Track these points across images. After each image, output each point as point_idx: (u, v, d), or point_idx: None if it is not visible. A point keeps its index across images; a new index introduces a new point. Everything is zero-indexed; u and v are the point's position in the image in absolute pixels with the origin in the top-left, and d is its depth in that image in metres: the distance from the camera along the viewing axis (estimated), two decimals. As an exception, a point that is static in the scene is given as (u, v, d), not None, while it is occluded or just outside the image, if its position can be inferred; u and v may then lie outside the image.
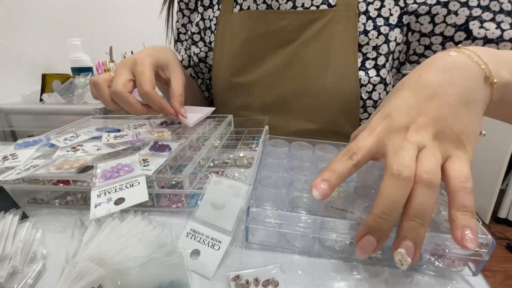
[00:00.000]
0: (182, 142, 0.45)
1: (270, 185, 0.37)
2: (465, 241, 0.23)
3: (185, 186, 0.37)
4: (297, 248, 0.31)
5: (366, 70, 0.53)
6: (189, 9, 0.68)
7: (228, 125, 0.57)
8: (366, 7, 0.52)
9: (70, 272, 0.23)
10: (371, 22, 0.52)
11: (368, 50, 0.53)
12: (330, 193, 0.27)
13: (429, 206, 0.24)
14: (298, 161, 0.43)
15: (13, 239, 0.29)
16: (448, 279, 0.28)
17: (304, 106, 0.58)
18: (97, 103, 0.88)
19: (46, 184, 0.40)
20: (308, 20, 0.54)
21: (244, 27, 0.58)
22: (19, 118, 0.90)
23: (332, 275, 0.29)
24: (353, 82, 0.53)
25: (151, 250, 0.26)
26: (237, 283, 0.27)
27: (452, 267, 0.28)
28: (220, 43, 0.62)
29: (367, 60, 0.53)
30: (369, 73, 0.53)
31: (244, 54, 0.46)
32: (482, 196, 1.76)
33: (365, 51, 0.53)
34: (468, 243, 0.23)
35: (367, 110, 0.56)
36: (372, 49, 0.53)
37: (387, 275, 0.28)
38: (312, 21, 0.54)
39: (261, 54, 0.58)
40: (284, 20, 0.55)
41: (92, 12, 1.33)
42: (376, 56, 0.53)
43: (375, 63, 0.53)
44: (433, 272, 0.29)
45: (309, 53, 0.55)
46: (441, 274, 0.29)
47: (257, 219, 0.31)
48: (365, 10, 0.52)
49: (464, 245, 0.23)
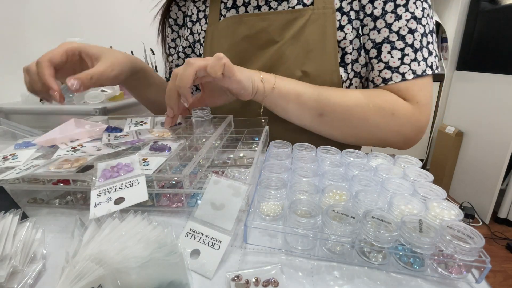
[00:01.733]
0: (182, 142, 0.46)
1: (270, 187, 0.37)
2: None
3: (185, 186, 0.37)
4: (298, 251, 0.31)
5: (345, 65, 0.55)
6: (178, 24, 0.72)
7: (228, 125, 0.57)
8: (340, 3, 0.53)
9: (70, 272, 0.23)
10: (346, 16, 0.53)
11: (346, 44, 0.54)
12: None
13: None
14: (300, 163, 0.43)
15: (13, 239, 0.29)
16: (451, 286, 0.28)
17: None
18: (97, 103, 0.88)
19: (46, 184, 0.40)
20: (287, 20, 0.55)
21: (228, 32, 0.60)
22: (19, 118, 0.90)
23: (333, 276, 0.29)
24: (335, 78, 0.55)
25: (151, 250, 0.26)
26: (237, 283, 0.27)
27: (454, 274, 0.28)
28: (209, 52, 0.64)
29: (346, 55, 0.55)
30: (347, 68, 0.55)
31: (231, 58, 0.48)
32: (482, 196, 1.76)
33: (343, 46, 0.54)
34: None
35: None
36: (349, 43, 0.54)
37: (388, 280, 0.28)
38: (291, 21, 0.55)
39: (247, 56, 0.60)
40: (264, 21, 0.57)
41: (92, 12, 1.33)
42: (351, 51, 0.54)
43: (351, 58, 0.55)
44: (435, 278, 0.28)
45: (292, 52, 0.56)
46: (443, 281, 0.28)
47: (256, 221, 0.31)
48: (339, 7, 0.53)
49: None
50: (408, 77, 0.50)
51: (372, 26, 0.51)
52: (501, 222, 1.74)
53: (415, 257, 0.29)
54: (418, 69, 0.50)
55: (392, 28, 0.50)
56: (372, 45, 0.52)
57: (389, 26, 0.50)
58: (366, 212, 0.31)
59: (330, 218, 0.30)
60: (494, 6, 1.77)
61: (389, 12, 0.49)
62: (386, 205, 0.33)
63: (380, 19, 0.50)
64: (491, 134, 1.70)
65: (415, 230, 0.28)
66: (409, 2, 0.48)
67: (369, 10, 0.51)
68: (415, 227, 0.29)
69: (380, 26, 0.50)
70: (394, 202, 0.32)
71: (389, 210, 0.32)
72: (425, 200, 0.33)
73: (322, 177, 0.39)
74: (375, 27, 0.51)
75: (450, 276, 0.28)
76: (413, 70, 0.50)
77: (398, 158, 0.45)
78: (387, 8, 0.49)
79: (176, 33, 0.73)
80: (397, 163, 0.45)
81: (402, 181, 0.37)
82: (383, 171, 0.40)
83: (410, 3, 0.48)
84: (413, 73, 0.50)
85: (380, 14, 0.50)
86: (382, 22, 0.50)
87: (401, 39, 0.50)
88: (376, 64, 0.53)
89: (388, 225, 0.29)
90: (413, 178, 0.39)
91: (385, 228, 0.29)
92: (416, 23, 0.49)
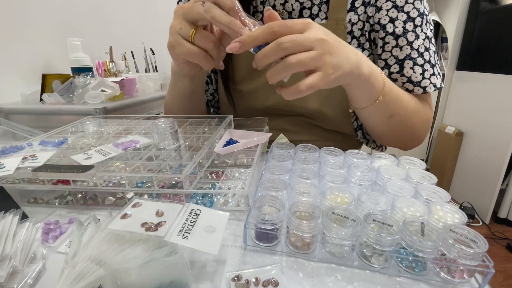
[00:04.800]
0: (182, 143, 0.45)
1: (271, 188, 0.37)
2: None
3: (185, 186, 0.37)
4: (298, 254, 0.31)
5: None
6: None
7: (228, 125, 0.57)
8: (351, 27, 0.56)
9: (70, 273, 0.23)
10: (356, 41, 0.57)
11: None
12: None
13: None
14: (302, 164, 0.43)
15: (13, 239, 0.29)
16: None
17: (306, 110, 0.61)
18: (97, 103, 0.88)
19: (46, 184, 0.40)
20: None
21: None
22: (19, 118, 0.90)
23: (333, 278, 0.28)
24: (344, 93, 0.56)
25: (151, 250, 0.25)
26: (237, 283, 0.27)
27: (457, 278, 0.28)
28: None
29: None
30: None
31: (246, 65, 0.48)
32: (482, 196, 1.76)
33: None
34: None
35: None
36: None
37: (389, 283, 0.28)
38: None
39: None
40: None
41: (92, 12, 1.33)
42: None
43: None
44: (438, 282, 0.28)
45: None
46: (445, 285, 0.28)
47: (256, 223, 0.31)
48: (350, 30, 0.56)
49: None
50: (430, 90, 0.54)
51: (395, 43, 0.53)
52: (501, 222, 1.74)
53: (416, 261, 0.28)
54: (437, 82, 0.55)
55: (413, 46, 0.53)
56: (395, 61, 0.55)
57: (410, 44, 0.53)
58: (367, 215, 0.30)
59: (331, 220, 0.30)
60: (494, 6, 1.77)
61: (410, 31, 0.52)
62: (388, 208, 0.33)
63: (402, 37, 0.53)
64: (491, 134, 1.70)
65: (417, 233, 0.28)
66: (422, 24, 0.53)
67: (391, 29, 0.53)
68: (417, 230, 0.29)
69: (402, 44, 0.53)
70: (397, 205, 0.32)
71: (391, 213, 0.32)
72: (428, 203, 0.33)
73: (323, 178, 0.39)
74: (397, 44, 0.53)
75: (453, 280, 0.28)
76: (433, 83, 0.54)
77: (401, 159, 0.45)
78: (408, 27, 0.52)
79: None
80: (400, 164, 0.45)
81: (403, 183, 0.37)
82: (386, 173, 0.40)
83: (423, 25, 0.53)
84: (433, 86, 0.54)
85: (402, 32, 0.52)
86: (404, 40, 0.53)
87: (421, 56, 0.53)
88: (399, 77, 0.55)
89: (390, 227, 0.29)
90: (416, 180, 0.39)
91: (386, 231, 0.29)
92: (429, 42, 0.54)
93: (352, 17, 0.55)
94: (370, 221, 0.30)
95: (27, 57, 1.03)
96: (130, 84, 1.04)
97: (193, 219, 0.29)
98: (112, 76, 1.13)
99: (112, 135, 0.55)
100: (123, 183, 0.39)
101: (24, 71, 1.03)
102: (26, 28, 1.03)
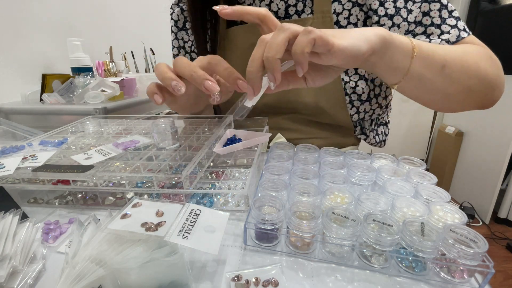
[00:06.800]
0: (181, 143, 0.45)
1: (271, 188, 0.37)
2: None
3: (185, 186, 0.37)
4: (298, 254, 0.31)
5: (347, 70, 0.57)
6: (177, 27, 0.71)
7: (228, 125, 0.57)
8: (337, 17, 0.56)
9: (70, 273, 0.23)
10: (346, 20, 0.56)
11: None
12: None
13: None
14: (302, 164, 0.43)
15: (13, 239, 0.29)
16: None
17: (302, 104, 0.61)
18: (97, 103, 0.88)
19: (46, 184, 0.40)
20: None
21: (238, 41, 0.62)
22: (19, 118, 0.90)
23: (333, 278, 0.28)
24: (338, 84, 0.57)
25: (151, 250, 0.25)
26: (237, 283, 0.27)
27: (457, 278, 0.28)
28: (222, 53, 0.64)
29: None
30: (348, 71, 0.58)
31: (243, 64, 0.47)
32: (482, 196, 1.76)
33: None
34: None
35: (354, 104, 0.60)
36: None
37: (389, 283, 0.28)
38: None
39: None
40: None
41: (92, 12, 1.33)
42: None
43: None
44: (437, 282, 0.28)
45: None
46: (445, 285, 0.28)
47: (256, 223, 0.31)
48: (336, 21, 0.56)
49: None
50: (464, 35, 0.50)
51: (391, 24, 0.53)
52: (501, 222, 1.74)
53: (416, 261, 0.28)
54: (460, 26, 0.51)
55: (409, 19, 0.51)
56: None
57: (406, 20, 0.51)
58: (367, 215, 0.30)
59: (331, 220, 0.30)
60: (494, 6, 1.77)
61: (401, 8, 0.51)
62: (388, 208, 0.33)
63: (396, 16, 0.52)
64: (491, 134, 1.70)
65: (417, 233, 0.28)
66: None
67: (382, 12, 0.52)
68: (417, 230, 0.29)
69: (398, 22, 0.52)
70: (397, 205, 0.32)
71: (391, 213, 0.32)
72: (428, 203, 0.33)
73: (323, 178, 0.39)
74: (394, 23, 0.52)
75: (453, 280, 0.28)
76: (458, 28, 0.50)
77: (401, 159, 0.45)
78: (398, 5, 0.51)
79: (174, 34, 0.72)
80: (400, 164, 0.45)
81: (403, 183, 0.37)
82: (385, 173, 0.40)
83: None
84: (459, 30, 0.51)
85: (395, 12, 0.52)
86: (399, 17, 0.51)
87: (419, 25, 0.52)
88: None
89: (390, 228, 0.29)
90: (416, 180, 0.39)
91: (386, 231, 0.29)
92: (429, 4, 0.51)
93: (336, 7, 0.55)
94: (370, 221, 0.30)
95: (27, 57, 1.03)
96: (130, 84, 1.04)
97: (193, 219, 0.29)
98: (112, 76, 1.13)
99: (112, 135, 0.55)
100: (123, 183, 0.39)
101: (24, 71, 1.03)
102: (26, 28, 1.03)
